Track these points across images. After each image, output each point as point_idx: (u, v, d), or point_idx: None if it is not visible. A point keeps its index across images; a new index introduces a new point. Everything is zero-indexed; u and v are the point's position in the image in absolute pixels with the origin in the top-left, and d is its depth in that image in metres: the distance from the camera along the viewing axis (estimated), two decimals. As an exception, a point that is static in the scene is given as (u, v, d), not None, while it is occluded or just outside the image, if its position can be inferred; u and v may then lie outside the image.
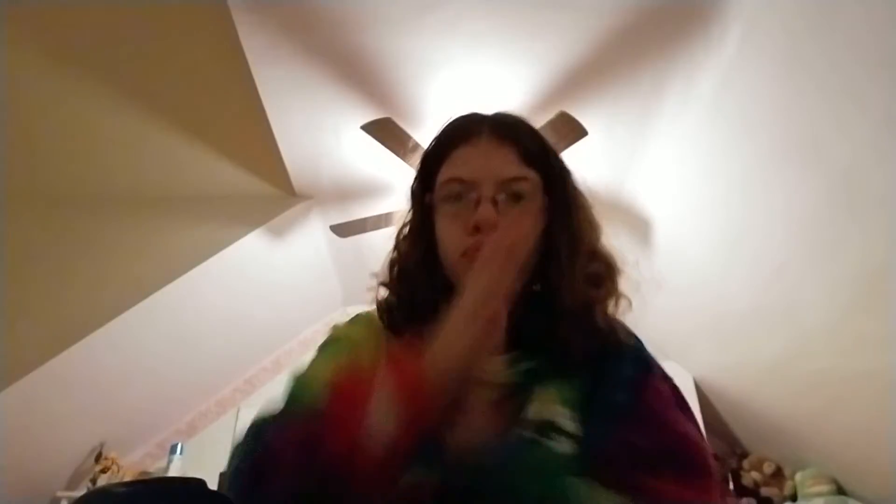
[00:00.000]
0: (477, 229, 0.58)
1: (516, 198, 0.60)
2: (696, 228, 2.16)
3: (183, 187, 2.36)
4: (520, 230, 0.56)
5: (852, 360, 1.87)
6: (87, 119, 2.01)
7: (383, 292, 0.66)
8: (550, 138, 0.69)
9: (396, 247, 0.68)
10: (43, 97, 1.91)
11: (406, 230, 0.67)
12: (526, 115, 0.68)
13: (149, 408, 2.68)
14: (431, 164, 0.66)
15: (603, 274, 0.61)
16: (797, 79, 1.52)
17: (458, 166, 0.62)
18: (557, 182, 0.64)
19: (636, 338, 0.63)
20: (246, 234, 2.38)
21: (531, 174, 0.61)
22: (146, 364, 2.47)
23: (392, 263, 0.67)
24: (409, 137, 1.91)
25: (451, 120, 0.67)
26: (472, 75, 1.83)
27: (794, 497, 2.32)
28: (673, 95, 1.89)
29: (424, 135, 2.02)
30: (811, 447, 2.29)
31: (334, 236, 2.35)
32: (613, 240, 0.64)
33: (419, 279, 0.63)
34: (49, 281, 2.19)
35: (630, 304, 0.62)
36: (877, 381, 1.81)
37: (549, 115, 1.81)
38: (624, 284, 0.62)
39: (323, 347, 0.63)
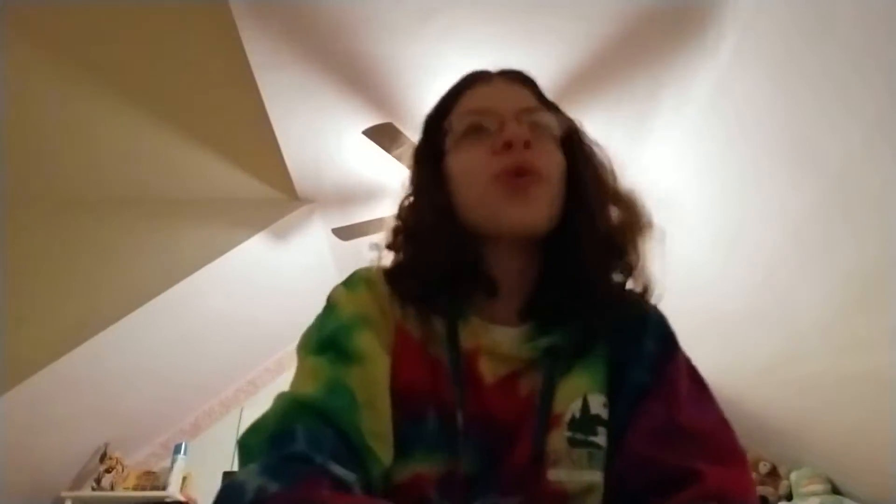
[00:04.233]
0: (508, 146, 0.51)
1: (538, 127, 0.55)
2: (692, 230, 2.18)
3: (186, 191, 2.38)
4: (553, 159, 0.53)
5: (846, 360, 1.88)
6: (92, 122, 2.02)
7: (388, 258, 0.59)
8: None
9: (399, 215, 0.60)
10: (48, 101, 1.92)
11: (410, 198, 0.60)
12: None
13: (153, 408, 2.70)
14: (438, 116, 0.60)
15: (628, 222, 0.56)
16: (791, 83, 1.55)
17: (473, 100, 0.57)
18: (571, 128, 0.59)
19: (657, 308, 0.58)
20: (249, 237, 2.40)
21: (548, 110, 0.58)
22: (150, 365, 2.49)
23: (396, 231, 0.59)
24: (410, 142, 1.93)
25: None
26: (471, 81, 1.86)
27: (789, 496, 2.33)
28: (669, 100, 1.92)
29: (425, 139, 2.04)
30: (806, 447, 2.31)
31: (336, 239, 2.38)
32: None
33: (431, 235, 0.55)
34: (54, 283, 2.20)
35: (661, 239, 0.57)
36: (871, 382, 1.83)
37: (548, 120, 1.83)
38: (650, 230, 0.57)
39: (321, 327, 0.53)
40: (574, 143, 0.58)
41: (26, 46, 1.70)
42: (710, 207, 2.05)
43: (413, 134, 2.00)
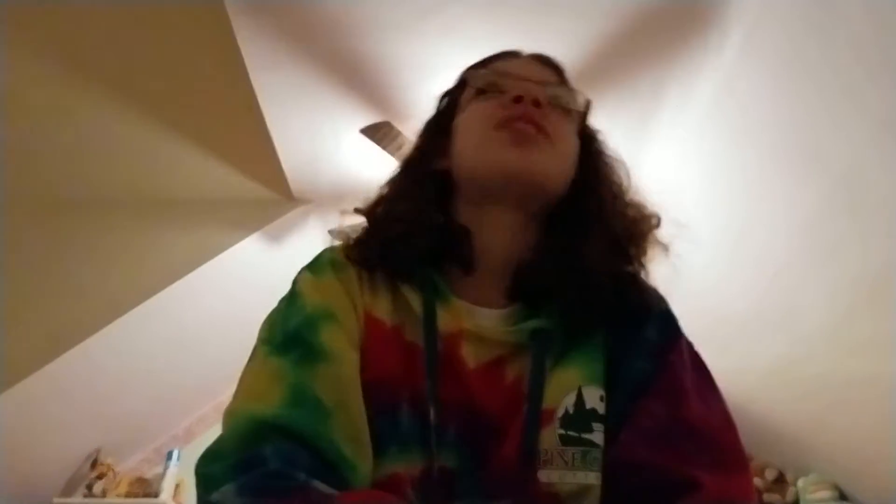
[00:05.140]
0: (517, 100, 0.50)
1: (556, 102, 0.53)
2: (697, 231, 2.16)
3: (181, 191, 2.36)
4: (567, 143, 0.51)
5: (854, 363, 1.86)
6: (88, 123, 2.01)
7: (360, 225, 0.56)
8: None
9: (389, 182, 0.58)
10: (44, 101, 1.91)
11: (402, 165, 0.59)
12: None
13: (146, 413, 2.67)
14: (455, 91, 0.59)
15: (638, 224, 0.54)
16: (797, 81, 1.53)
17: (496, 68, 0.56)
18: (589, 126, 0.59)
19: (664, 299, 0.55)
20: (244, 238, 2.38)
21: (571, 90, 0.56)
22: (143, 369, 2.46)
23: (378, 200, 0.57)
24: (408, 141, 1.91)
25: None
26: (470, 79, 1.84)
27: (796, 503, 2.30)
28: (672, 99, 1.90)
29: (423, 139, 2.02)
30: (813, 453, 2.28)
31: (333, 241, 2.35)
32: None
33: (406, 189, 0.53)
34: (46, 284, 2.18)
35: (666, 251, 0.55)
36: (879, 386, 1.80)
37: (548, 119, 1.82)
38: (659, 236, 0.55)
39: (285, 319, 0.49)
40: (589, 135, 0.57)
41: (21, 47, 1.69)
42: (713, 207, 2.03)
43: (411, 133, 2.00)
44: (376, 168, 2.22)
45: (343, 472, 0.39)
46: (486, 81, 0.54)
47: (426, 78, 1.85)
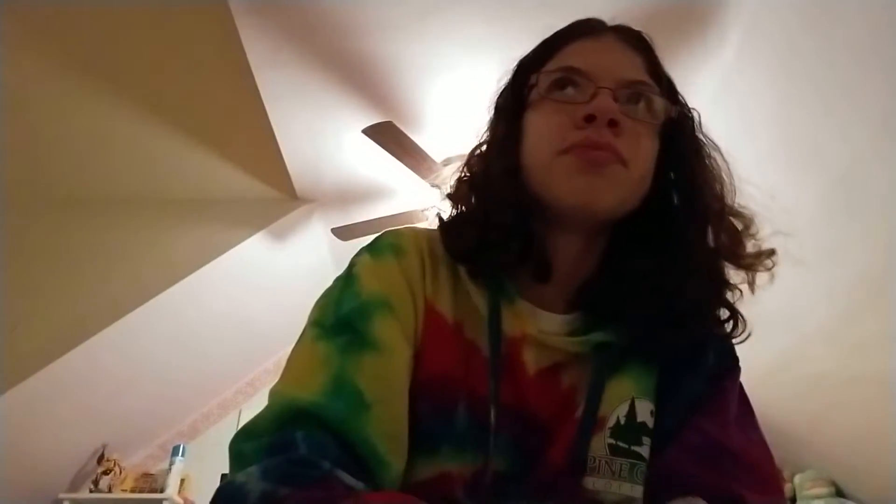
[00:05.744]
0: (590, 120, 0.44)
1: (635, 106, 0.47)
2: (696, 231, 2.17)
3: (185, 190, 2.37)
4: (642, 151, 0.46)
5: (852, 362, 1.87)
6: (91, 122, 2.02)
7: (448, 209, 0.53)
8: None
9: (468, 162, 0.55)
10: (48, 101, 1.92)
11: (483, 147, 0.54)
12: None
13: (151, 410, 2.69)
14: (531, 65, 0.52)
15: (734, 240, 0.49)
16: (796, 82, 1.53)
17: (572, 57, 0.50)
18: (683, 116, 0.51)
19: (727, 331, 0.53)
20: (248, 237, 2.39)
21: (657, 89, 0.49)
22: (148, 366, 2.48)
23: (461, 180, 0.54)
24: (410, 141, 1.92)
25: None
26: (472, 79, 1.84)
27: (793, 499, 2.31)
28: (672, 99, 1.90)
29: (426, 139, 2.03)
30: (810, 450, 2.29)
31: (336, 239, 2.36)
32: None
33: (497, 192, 0.49)
34: (52, 284, 2.19)
35: (771, 272, 0.50)
36: (876, 384, 1.81)
37: (549, 119, 1.82)
38: (759, 261, 0.51)
39: (339, 301, 0.46)
40: (682, 134, 0.51)
41: (25, 47, 1.70)
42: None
43: (413, 133, 2.01)
44: (378, 167, 2.23)
45: (374, 469, 0.39)
46: (554, 82, 0.48)
47: (428, 78, 1.86)
